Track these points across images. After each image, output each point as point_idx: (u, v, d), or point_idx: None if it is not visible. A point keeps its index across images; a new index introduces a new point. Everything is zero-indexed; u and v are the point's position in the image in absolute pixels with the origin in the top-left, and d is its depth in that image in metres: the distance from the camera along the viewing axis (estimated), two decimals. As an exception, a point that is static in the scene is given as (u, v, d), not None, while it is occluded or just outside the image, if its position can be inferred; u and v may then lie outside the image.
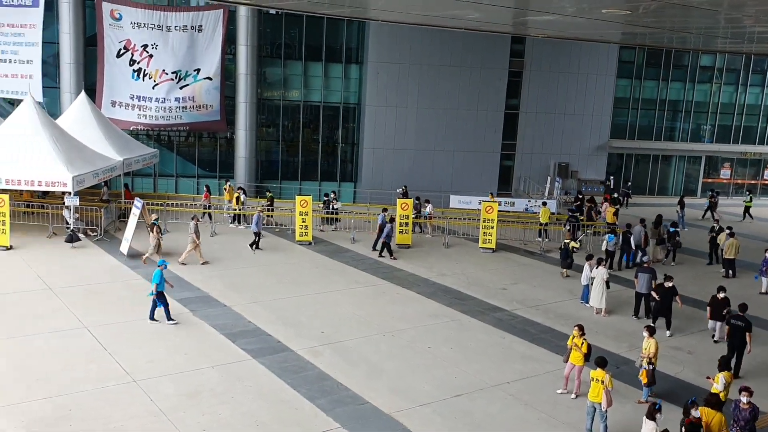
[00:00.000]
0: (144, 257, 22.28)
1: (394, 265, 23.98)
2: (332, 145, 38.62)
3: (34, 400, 12.59)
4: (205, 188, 30.28)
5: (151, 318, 16.96)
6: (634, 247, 24.91)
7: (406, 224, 26.81)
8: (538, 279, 23.37)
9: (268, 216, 28.47)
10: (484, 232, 27.01)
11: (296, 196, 27.31)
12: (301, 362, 15.08)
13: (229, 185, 30.99)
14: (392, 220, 25.52)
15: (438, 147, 37.88)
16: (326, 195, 30.91)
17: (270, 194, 30.90)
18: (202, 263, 22.49)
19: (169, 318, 16.97)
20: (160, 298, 16.95)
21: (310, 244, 26.21)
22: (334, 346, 16.11)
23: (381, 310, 19.02)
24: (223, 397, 13.22)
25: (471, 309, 19.62)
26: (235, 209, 29.05)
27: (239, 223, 28.98)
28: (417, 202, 29.37)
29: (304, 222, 26.35)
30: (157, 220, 23.21)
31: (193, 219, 23.18)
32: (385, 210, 26.26)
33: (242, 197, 29.38)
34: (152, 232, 22.48)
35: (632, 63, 42.72)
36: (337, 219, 29.38)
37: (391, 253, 24.85)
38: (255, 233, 24.76)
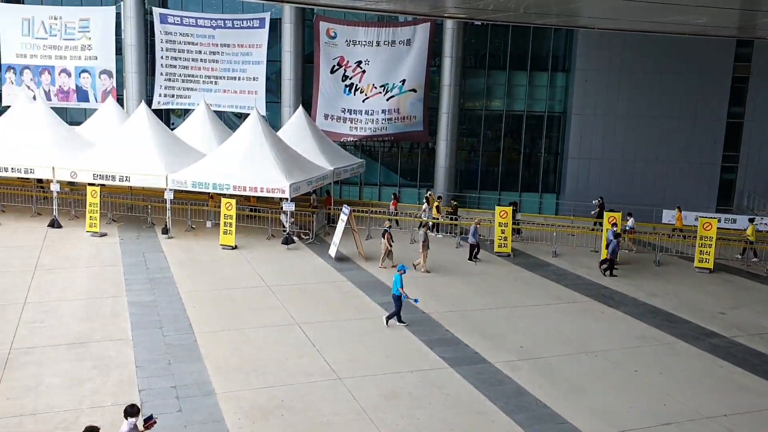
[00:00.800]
0: (380, 264, 23.36)
1: (600, 282, 22.91)
2: (534, 154, 37.92)
3: (252, 388, 13.72)
4: (393, 195, 31.32)
5: (399, 321, 17.61)
6: None
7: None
8: (763, 304, 21.04)
9: (452, 225, 28.64)
10: (701, 251, 24.91)
11: (496, 207, 27.17)
12: (498, 375, 14.90)
13: (430, 194, 31.65)
14: (618, 235, 24.27)
15: (648, 158, 35.62)
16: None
17: (455, 203, 31.06)
18: (424, 271, 23.07)
19: (399, 320, 17.54)
20: (395, 301, 17.50)
21: (509, 255, 25.90)
22: (534, 362, 15.72)
23: (583, 328, 18.24)
24: (420, 402, 13.45)
25: (683, 333, 18.16)
26: (435, 218, 29.55)
27: (437, 231, 29.42)
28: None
29: (503, 233, 26.11)
30: (389, 227, 24.26)
31: (423, 227, 23.87)
32: (614, 224, 25.01)
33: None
34: (383, 239, 23.49)
35: None
36: (518, 231, 28.60)
37: (612, 270, 23.64)
38: (472, 245, 24.78)
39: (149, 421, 9.77)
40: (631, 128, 35.50)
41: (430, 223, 28.04)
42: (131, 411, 9.75)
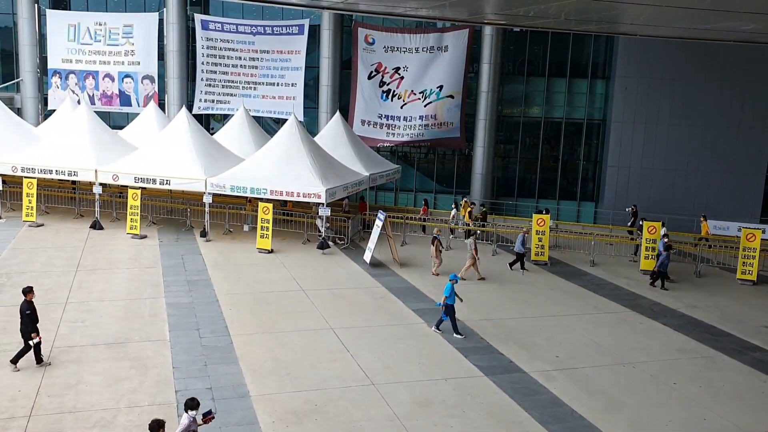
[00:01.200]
0: (434, 270, 23.31)
1: (638, 293, 22.52)
2: (573, 162, 37.50)
3: (286, 392, 13.79)
4: (423, 202, 31.28)
5: (437, 328, 17.50)
6: None
7: (653, 249, 25.04)
8: (811, 319, 20.43)
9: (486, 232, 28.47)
10: (744, 262, 24.31)
11: (533, 215, 26.92)
12: (534, 385, 14.73)
13: (465, 201, 31.53)
14: (669, 247, 23.83)
15: (690, 167, 34.93)
16: (482, 206, 30.71)
17: (484, 209, 30.94)
18: (479, 279, 22.98)
19: (456, 332, 17.25)
20: (448, 311, 17.30)
21: (545, 264, 25.62)
22: (569, 372, 15.50)
23: (621, 340, 17.93)
24: (454, 410, 13.36)
25: (725, 346, 17.72)
26: (467, 224, 29.39)
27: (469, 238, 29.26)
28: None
29: (540, 241, 25.85)
30: (439, 234, 24.21)
31: (472, 236, 23.80)
32: (666, 236, 24.56)
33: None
34: (433, 246, 23.42)
35: None
36: None
37: (663, 283, 23.12)
38: (519, 254, 24.50)
39: (208, 416, 9.91)
40: (672, 136, 34.87)
41: (478, 232, 27.73)
42: (191, 404, 9.85)
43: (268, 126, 38.25)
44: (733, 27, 22.91)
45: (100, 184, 27.49)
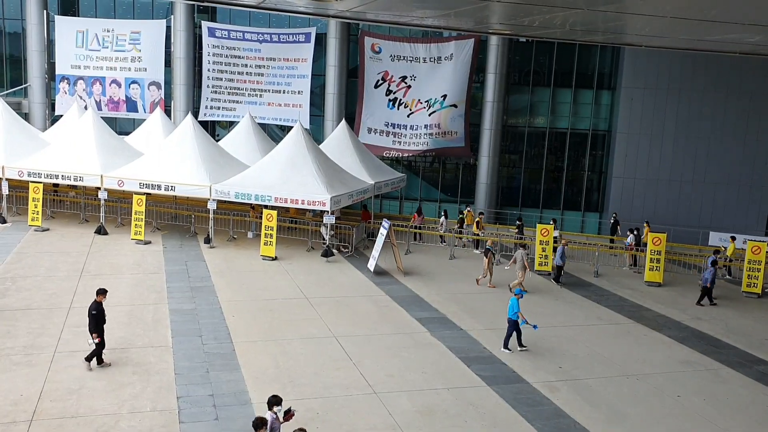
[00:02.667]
0: (490, 284, 23.32)
1: (642, 304, 22.45)
2: (578, 173, 37.48)
3: (288, 399, 13.67)
4: (416, 210, 31.37)
5: (520, 345, 17.29)
6: None
7: (658, 260, 24.98)
8: (816, 333, 20.32)
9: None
10: (749, 275, 24.22)
11: (537, 225, 26.89)
12: (536, 396, 14.67)
13: (469, 211, 31.51)
14: (715, 262, 23.61)
15: (696, 179, 34.87)
16: (519, 219, 30.47)
17: (480, 215, 30.84)
18: (490, 286, 23.16)
19: (505, 345, 17.09)
20: (511, 326, 17.11)
21: (549, 274, 25.55)
22: (573, 383, 15.44)
23: (625, 351, 17.85)
24: (456, 419, 13.31)
25: (730, 359, 17.63)
26: (477, 234, 29.36)
27: (478, 247, 29.23)
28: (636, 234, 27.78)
29: (544, 251, 25.80)
30: (491, 246, 24.15)
31: (521, 248, 23.75)
32: (716, 252, 24.37)
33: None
34: (486, 258, 23.35)
35: None
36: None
37: (711, 299, 22.86)
38: (558, 266, 24.34)
39: (288, 413, 9.98)
40: (679, 148, 34.83)
41: (528, 244, 27.56)
42: (275, 400, 10.02)
43: (274, 133, 38.35)
44: (738, 39, 22.90)
45: (106, 189, 27.57)
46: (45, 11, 39.14)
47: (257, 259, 25.19)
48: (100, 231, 27.66)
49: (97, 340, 14.48)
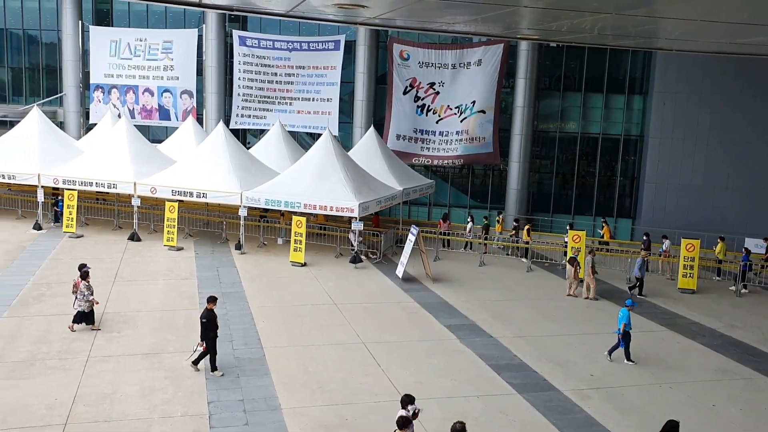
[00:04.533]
0: (590, 295, 23.15)
1: (676, 312, 22.07)
2: (609, 178, 37.04)
3: (317, 405, 13.80)
4: (442, 217, 31.13)
5: (609, 354, 17.19)
6: None
7: (692, 267, 24.54)
8: None
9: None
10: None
11: (568, 231, 26.63)
12: (568, 404, 14.50)
13: (501, 217, 31.30)
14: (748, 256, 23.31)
15: (730, 184, 34.18)
16: (569, 226, 30.12)
17: (486, 221, 30.43)
18: (593, 298, 22.92)
19: (628, 358, 17.01)
20: (624, 338, 17.02)
21: (581, 281, 25.22)
22: (605, 391, 15.23)
23: (658, 359, 17.57)
24: (486, 427, 13.21)
25: (766, 368, 17.23)
26: (527, 242, 28.97)
27: (525, 256, 28.81)
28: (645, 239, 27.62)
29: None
30: (576, 255, 24.06)
31: (590, 254, 23.64)
32: (748, 251, 23.98)
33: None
34: (571, 266, 23.26)
35: None
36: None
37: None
38: (637, 278, 24.04)
39: (416, 413, 10.49)
40: (712, 153, 34.20)
41: (594, 251, 27.20)
42: (409, 399, 10.53)
43: (303, 141, 38.58)
44: (770, 41, 22.39)
45: (139, 196, 27.98)
46: (80, 22, 39.95)
47: (287, 265, 25.35)
48: (134, 237, 28.08)
49: (202, 348, 14.80)
